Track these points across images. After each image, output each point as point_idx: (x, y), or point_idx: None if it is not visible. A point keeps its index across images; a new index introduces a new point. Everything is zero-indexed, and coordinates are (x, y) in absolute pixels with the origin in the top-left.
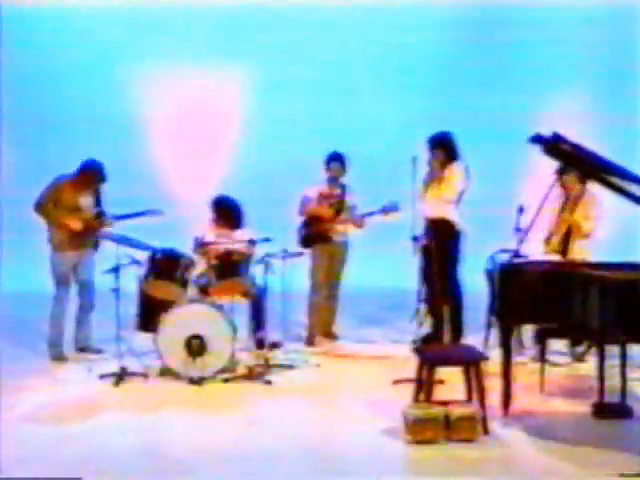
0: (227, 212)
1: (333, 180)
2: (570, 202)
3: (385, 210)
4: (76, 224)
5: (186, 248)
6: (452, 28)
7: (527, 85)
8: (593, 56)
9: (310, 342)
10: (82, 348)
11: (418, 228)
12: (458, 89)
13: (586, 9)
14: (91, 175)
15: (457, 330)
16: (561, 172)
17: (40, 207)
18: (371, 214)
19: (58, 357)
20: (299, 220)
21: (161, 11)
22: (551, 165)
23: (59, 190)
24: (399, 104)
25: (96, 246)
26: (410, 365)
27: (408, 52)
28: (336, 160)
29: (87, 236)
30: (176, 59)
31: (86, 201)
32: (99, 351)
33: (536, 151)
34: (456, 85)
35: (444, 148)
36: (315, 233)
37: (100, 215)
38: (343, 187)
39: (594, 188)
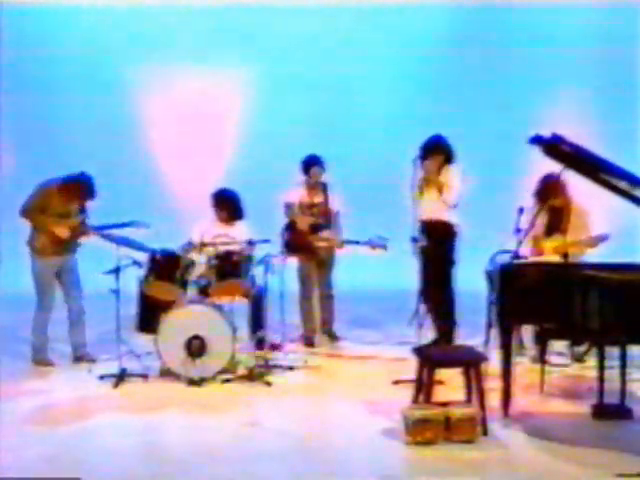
0: (227, 202)
1: (313, 186)
2: (563, 220)
3: (371, 244)
4: (63, 232)
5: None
6: (453, 29)
7: (527, 86)
8: (593, 57)
9: (308, 343)
10: (78, 357)
11: (417, 230)
12: (459, 90)
13: (587, 10)
14: (78, 188)
15: (447, 333)
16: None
17: (26, 212)
18: (356, 243)
19: (43, 363)
20: (283, 223)
21: (161, 11)
22: (551, 166)
23: (47, 196)
24: (400, 104)
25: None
26: (410, 366)
27: (409, 53)
28: (316, 164)
29: (70, 243)
30: (176, 59)
31: (74, 207)
32: (94, 360)
33: (536, 152)
34: (457, 86)
35: (442, 152)
36: (299, 245)
37: (84, 223)
38: (324, 186)
39: (578, 199)
